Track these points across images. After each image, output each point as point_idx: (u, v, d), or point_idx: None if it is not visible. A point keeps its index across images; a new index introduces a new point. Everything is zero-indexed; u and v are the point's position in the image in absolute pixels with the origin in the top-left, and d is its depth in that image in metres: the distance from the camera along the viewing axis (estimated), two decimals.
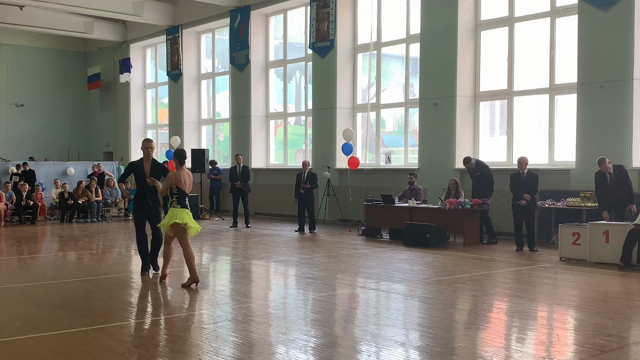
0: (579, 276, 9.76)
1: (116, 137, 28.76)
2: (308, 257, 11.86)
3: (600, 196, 11.87)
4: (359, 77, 19.12)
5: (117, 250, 13.22)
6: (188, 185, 8.99)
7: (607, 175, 11.74)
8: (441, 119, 16.01)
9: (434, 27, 16.20)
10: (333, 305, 7.93)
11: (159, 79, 27.49)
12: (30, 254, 12.87)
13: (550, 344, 6.19)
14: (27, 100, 29.02)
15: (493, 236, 13.63)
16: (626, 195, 11.66)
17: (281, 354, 5.80)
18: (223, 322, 7.03)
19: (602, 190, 11.82)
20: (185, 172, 9.01)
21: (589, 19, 13.41)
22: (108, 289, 8.83)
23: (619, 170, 11.78)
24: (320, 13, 18.96)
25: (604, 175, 11.77)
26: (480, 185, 13.61)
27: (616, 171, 11.76)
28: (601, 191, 11.83)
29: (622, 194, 11.66)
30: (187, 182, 8.97)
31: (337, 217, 18.29)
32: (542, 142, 14.92)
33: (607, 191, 11.76)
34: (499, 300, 7.99)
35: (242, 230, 16.60)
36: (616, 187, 11.69)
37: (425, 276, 9.72)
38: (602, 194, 11.82)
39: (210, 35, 24.56)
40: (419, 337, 6.31)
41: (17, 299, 7.92)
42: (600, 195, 11.86)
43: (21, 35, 28.06)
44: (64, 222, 19.16)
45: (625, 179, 11.72)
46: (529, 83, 15.24)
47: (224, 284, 9.42)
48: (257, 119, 21.78)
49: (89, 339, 6.13)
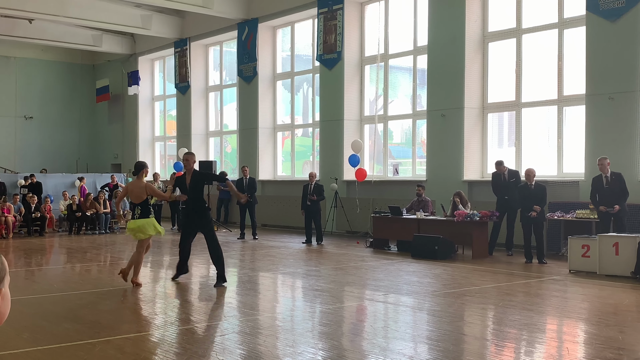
0: (588, 289, 9.68)
1: (124, 149, 28.85)
2: (315, 269, 11.82)
3: (595, 199, 11.88)
4: (366, 89, 19.13)
5: (125, 262, 13.20)
6: (135, 194, 9.81)
7: (603, 178, 11.73)
8: (449, 131, 15.99)
9: (441, 38, 16.21)
10: (341, 318, 7.89)
11: (167, 91, 27.60)
12: (38, 266, 12.89)
13: (560, 358, 6.13)
14: (36, 113, 29.18)
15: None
16: (620, 201, 11.61)
17: None
18: (230, 334, 6.99)
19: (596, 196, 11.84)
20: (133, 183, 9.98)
21: (596, 31, 13.39)
22: (115, 301, 8.81)
23: (617, 177, 11.76)
24: (328, 25, 19.01)
25: (600, 180, 11.78)
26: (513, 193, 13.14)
27: (614, 177, 11.74)
28: (596, 195, 11.85)
29: (615, 200, 11.62)
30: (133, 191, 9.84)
31: (344, 229, 18.25)
32: (550, 154, 14.86)
33: (602, 197, 11.75)
34: (508, 313, 7.93)
35: (249, 242, 16.58)
36: (611, 192, 11.67)
37: (433, 289, 9.67)
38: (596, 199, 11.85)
39: (218, 47, 24.66)
40: (428, 350, 6.26)
41: (24, 310, 7.92)
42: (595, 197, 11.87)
43: (30, 48, 28.26)
44: (72, 234, 19.19)
45: (622, 186, 11.69)
46: (537, 94, 15.20)
47: (231, 296, 9.39)
48: (264, 131, 21.81)
49: (95, 352, 6.12)
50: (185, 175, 9.86)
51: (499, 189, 13.66)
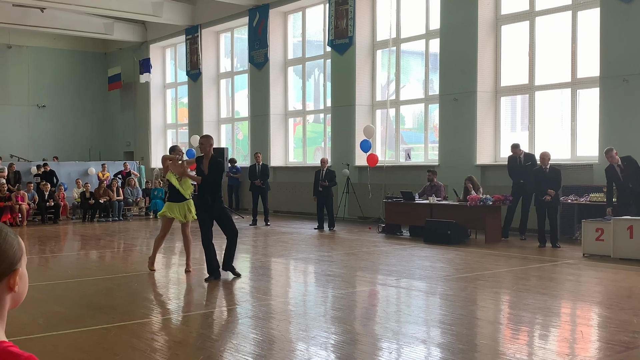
0: (602, 272, 9.62)
1: (136, 137, 28.94)
2: (327, 254, 11.82)
3: (610, 192, 11.69)
4: (378, 74, 19.04)
5: (138, 249, 13.28)
6: None
7: (616, 168, 11.56)
8: (462, 115, 15.89)
9: (453, 22, 16.08)
10: (353, 303, 7.89)
11: (178, 78, 27.62)
12: (53, 253, 12.98)
13: (574, 341, 6.10)
14: (49, 102, 29.30)
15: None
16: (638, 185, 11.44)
17: (302, 350, 5.77)
18: (243, 319, 7.02)
19: (613, 186, 11.65)
20: None
21: (611, 12, 13.22)
22: (129, 286, 8.87)
23: (628, 161, 11.57)
24: (339, 10, 18.90)
25: (614, 169, 11.59)
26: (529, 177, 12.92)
27: (625, 162, 11.56)
28: (612, 187, 11.66)
29: (636, 186, 11.45)
30: None
31: (356, 214, 18.24)
32: (564, 137, 14.74)
33: (620, 186, 11.56)
34: (521, 297, 7.89)
35: (261, 228, 16.61)
36: (629, 179, 11.49)
37: (446, 273, 9.65)
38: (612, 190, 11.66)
39: (229, 34, 24.61)
40: (441, 334, 6.25)
41: (39, 297, 7.98)
42: (610, 191, 11.69)
43: (42, 37, 28.34)
44: (86, 221, 19.31)
45: (636, 169, 11.51)
46: (551, 77, 15.07)
47: (244, 281, 9.40)
48: (276, 117, 21.79)
49: (110, 336, 6.15)
50: (203, 159, 9.35)
51: (514, 173, 13.57)
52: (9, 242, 1.65)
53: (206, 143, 9.20)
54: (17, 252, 1.67)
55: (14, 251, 1.66)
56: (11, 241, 1.65)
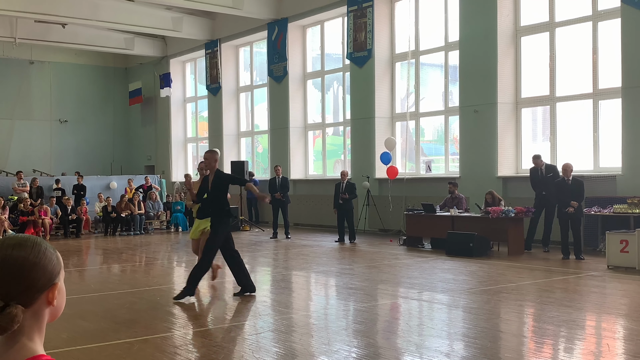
0: (627, 284, 9.49)
1: (157, 151, 29.15)
2: (349, 267, 11.79)
3: None
4: (397, 86, 19.03)
5: (160, 262, 13.34)
6: None
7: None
8: (482, 126, 15.82)
9: (473, 33, 16.05)
10: (375, 316, 7.85)
11: (198, 92, 27.81)
12: (75, 267, 13.07)
13: (600, 354, 6.02)
14: (71, 116, 29.62)
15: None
16: None
17: None
18: (265, 332, 7.01)
19: None
20: None
21: (632, 22, 13.12)
22: (152, 300, 8.90)
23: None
24: (358, 23, 18.96)
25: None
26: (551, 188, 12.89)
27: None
28: None
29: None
30: None
31: (377, 227, 18.18)
32: (586, 148, 14.61)
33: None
34: (545, 309, 7.81)
35: (282, 241, 16.61)
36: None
37: (469, 286, 9.57)
38: None
39: (248, 48, 24.77)
40: (464, 347, 6.20)
41: (63, 311, 8.02)
42: None
43: (64, 52, 28.70)
44: (108, 235, 19.45)
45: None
46: (572, 88, 14.97)
47: (266, 294, 9.41)
48: (295, 130, 21.84)
49: (134, 350, 6.17)
50: (208, 177, 9.09)
51: (536, 184, 13.49)
52: (48, 257, 1.66)
53: (211, 158, 8.88)
54: (56, 266, 1.69)
55: (53, 265, 1.67)
56: (50, 255, 1.67)
